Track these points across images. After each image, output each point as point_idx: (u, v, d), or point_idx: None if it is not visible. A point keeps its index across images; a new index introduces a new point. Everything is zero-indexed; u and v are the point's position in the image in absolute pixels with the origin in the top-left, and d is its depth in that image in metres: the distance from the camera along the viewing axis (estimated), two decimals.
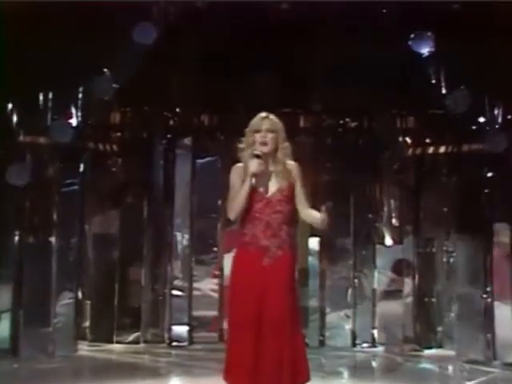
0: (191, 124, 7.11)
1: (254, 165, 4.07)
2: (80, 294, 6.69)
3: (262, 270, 4.01)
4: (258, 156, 4.07)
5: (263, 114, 4.17)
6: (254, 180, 4.02)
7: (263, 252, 4.04)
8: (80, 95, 6.20)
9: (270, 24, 6.39)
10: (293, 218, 4.07)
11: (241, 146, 4.17)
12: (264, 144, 4.09)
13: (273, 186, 4.09)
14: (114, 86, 6.08)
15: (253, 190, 4.05)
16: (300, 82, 6.76)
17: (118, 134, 7.08)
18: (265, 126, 4.11)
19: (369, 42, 6.36)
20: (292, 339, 3.95)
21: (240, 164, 4.17)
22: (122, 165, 7.02)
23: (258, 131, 4.11)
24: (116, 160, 7.03)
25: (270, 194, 4.07)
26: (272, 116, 4.17)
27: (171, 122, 7.11)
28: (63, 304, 6.30)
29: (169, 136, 7.11)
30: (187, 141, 7.05)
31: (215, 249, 6.98)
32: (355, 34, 6.36)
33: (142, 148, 7.05)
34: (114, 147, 7.03)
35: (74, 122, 6.19)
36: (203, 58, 6.65)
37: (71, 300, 6.32)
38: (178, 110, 7.11)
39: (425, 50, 6.24)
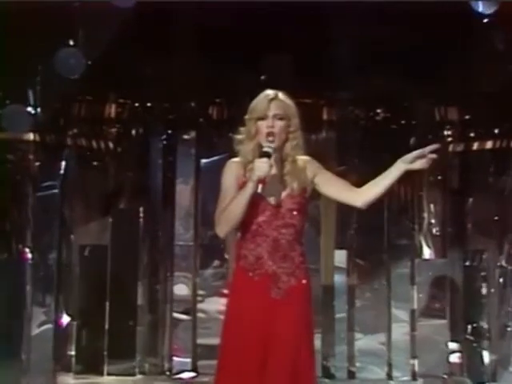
0: (196, 117, 6.38)
1: (262, 167, 3.12)
2: (65, 316, 5.95)
3: (268, 306, 3.15)
4: (267, 155, 3.17)
5: (270, 94, 3.28)
6: (260, 187, 3.14)
7: (270, 281, 3.16)
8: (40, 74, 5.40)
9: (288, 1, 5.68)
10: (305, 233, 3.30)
11: (238, 137, 3.30)
12: (271, 136, 3.21)
13: (281, 191, 3.23)
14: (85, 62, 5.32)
15: (253, 197, 3.16)
16: (323, 67, 6.11)
17: (110, 128, 6.36)
18: (273, 111, 3.24)
19: (404, 20, 5.68)
20: None
21: (236, 159, 3.28)
22: (114, 165, 6.31)
23: (262, 118, 3.24)
24: (107, 159, 6.32)
25: (277, 201, 3.22)
26: (282, 96, 3.29)
27: (172, 115, 6.39)
28: (40, 328, 5.52)
29: (169, 131, 6.39)
30: (190, 136, 6.33)
31: (224, 264, 6.24)
32: (388, 12, 5.65)
33: (138, 145, 6.36)
34: (105, 144, 6.32)
35: (31, 107, 5.33)
36: (211, 41, 5.97)
37: (50, 324, 5.53)
38: (180, 100, 6.38)
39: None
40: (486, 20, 5.55)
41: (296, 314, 3.14)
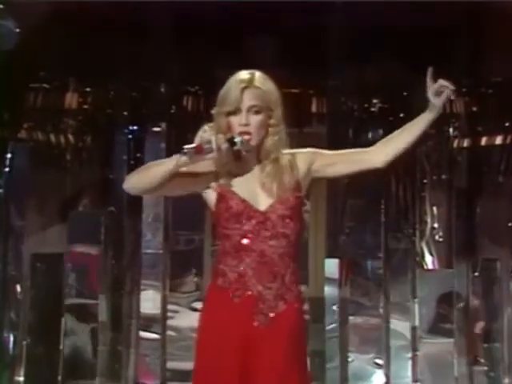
0: (167, 107, 5.99)
1: (202, 135, 2.75)
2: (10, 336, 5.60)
3: (250, 335, 2.71)
4: (232, 142, 2.73)
5: (244, 79, 2.77)
6: (188, 155, 2.68)
7: (254, 305, 2.72)
8: None
9: None
10: (300, 246, 2.91)
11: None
12: (246, 136, 2.76)
13: (267, 196, 2.78)
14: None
15: (236, 201, 2.76)
16: (312, 53, 5.82)
17: (69, 120, 5.96)
18: (247, 102, 2.74)
19: (404, 1, 5.45)
20: None
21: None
22: (73, 161, 5.91)
23: (234, 112, 2.75)
24: (66, 155, 5.93)
25: (265, 206, 2.77)
26: (260, 79, 2.79)
27: (140, 105, 6.00)
28: None
29: (136, 123, 6.01)
30: (160, 129, 5.94)
31: (200, 273, 5.86)
32: None
33: (100, 138, 5.95)
34: (64, 138, 5.92)
35: None
36: (186, 22, 5.72)
37: None
38: (149, 88, 6.00)
39: None
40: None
41: (284, 347, 2.73)
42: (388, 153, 2.82)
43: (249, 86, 2.74)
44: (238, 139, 2.72)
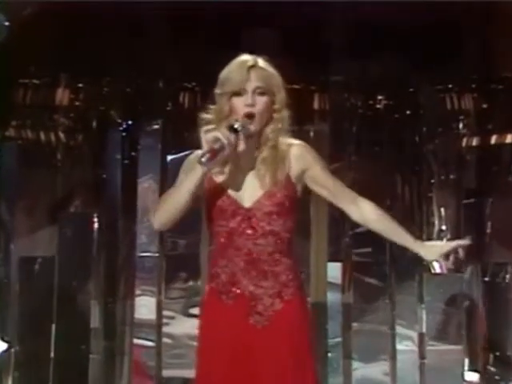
0: (163, 104, 5.90)
1: (208, 137, 2.68)
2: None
3: (247, 336, 2.70)
4: (234, 129, 2.70)
5: (248, 60, 2.78)
6: (207, 163, 2.68)
7: (247, 305, 2.71)
8: None
9: None
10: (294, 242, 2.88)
11: (207, 117, 2.79)
12: (250, 116, 2.74)
13: (255, 189, 2.77)
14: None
15: (222, 196, 2.74)
16: (314, 47, 5.74)
17: (60, 117, 5.86)
18: (253, 83, 2.75)
19: None
20: None
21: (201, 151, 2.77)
22: (64, 160, 5.82)
23: (238, 93, 2.75)
24: (57, 153, 5.84)
25: (250, 202, 2.75)
26: (262, 63, 2.81)
27: (135, 101, 5.90)
28: None
29: (130, 120, 5.90)
30: (156, 126, 5.83)
31: (196, 278, 5.71)
32: None
33: (92, 137, 5.86)
34: (55, 136, 5.83)
35: None
36: (183, 15, 5.60)
37: None
38: (144, 84, 5.90)
39: None
40: None
41: (284, 345, 2.72)
42: (367, 222, 2.99)
43: (254, 67, 2.74)
44: (237, 125, 2.67)
